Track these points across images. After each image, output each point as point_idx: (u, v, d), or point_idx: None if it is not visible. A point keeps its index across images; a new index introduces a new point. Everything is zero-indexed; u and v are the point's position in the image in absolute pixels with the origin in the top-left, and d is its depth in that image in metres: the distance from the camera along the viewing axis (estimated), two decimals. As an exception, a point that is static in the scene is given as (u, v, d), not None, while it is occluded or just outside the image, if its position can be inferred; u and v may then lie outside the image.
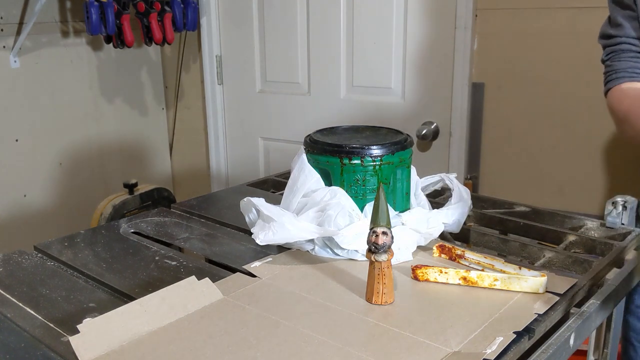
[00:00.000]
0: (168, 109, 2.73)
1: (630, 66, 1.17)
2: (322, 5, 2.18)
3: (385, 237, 0.83)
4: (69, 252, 1.05)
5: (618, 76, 1.18)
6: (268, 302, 0.84)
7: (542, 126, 1.91)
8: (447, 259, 0.99)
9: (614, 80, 1.19)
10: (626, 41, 1.17)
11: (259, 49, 2.39)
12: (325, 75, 2.25)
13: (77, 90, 2.37)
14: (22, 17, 2.15)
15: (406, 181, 1.07)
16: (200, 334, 0.76)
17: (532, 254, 1.06)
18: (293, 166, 1.08)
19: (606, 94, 1.22)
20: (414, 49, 2.05)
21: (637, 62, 1.17)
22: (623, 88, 1.17)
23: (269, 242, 0.96)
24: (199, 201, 1.32)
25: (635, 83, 1.16)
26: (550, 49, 1.85)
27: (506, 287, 0.87)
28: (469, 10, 1.92)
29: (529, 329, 0.77)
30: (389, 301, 0.84)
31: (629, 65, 1.17)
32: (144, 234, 1.14)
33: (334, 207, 0.97)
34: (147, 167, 2.70)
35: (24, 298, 0.89)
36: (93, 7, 2.05)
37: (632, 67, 1.16)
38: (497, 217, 1.20)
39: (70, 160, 2.39)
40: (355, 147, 1.01)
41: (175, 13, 2.27)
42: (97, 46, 2.41)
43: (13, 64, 2.15)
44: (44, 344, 0.76)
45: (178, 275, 0.95)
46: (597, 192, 1.87)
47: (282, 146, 2.43)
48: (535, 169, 1.96)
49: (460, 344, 0.74)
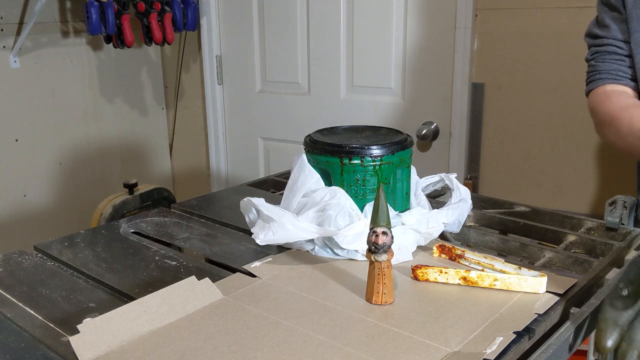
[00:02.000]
0: (168, 109, 2.73)
1: (614, 68, 1.17)
2: (322, 5, 2.18)
3: (385, 237, 0.83)
4: (69, 252, 1.05)
5: (601, 77, 1.18)
6: (268, 302, 0.84)
7: (542, 126, 1.91)
8: (447, 259, 0.99)
9: (597, 80, 1.19)
10: (612, 43, 1.17)
11: (259, 49, 2.39)
12: (325, 75, 2.25)
13: (77, 90, 2.37)
14: (22, 17, 2.15)
15: (406, 181, 1.07)
16: (200, 334, 0.76)
17: (532, 254, 1.06)
18: (293, 166, 1.08)
19: (588, 94, 1.22)
20: (414, 48, 2.05)
21: (621, 64, 1.17)
22: (607, 90, 1.17)
23: (269, 242, 0.96)
24: (199, 201, 1.32)
25: (619, 86, 1.16)
26: (550, 49, 1.85)
27: (506, 287, 0.87)
28: (469, 10, 1.92)
29: (529, 329, 0.77)
30: (389, 301, 0.84)
31: (613, 67, 1.17)
32: (144, 234, 1.14)
33: (334, 207, 0.97)
34: (147, 167, 2.70)
35: (24, 298, 0.89)
36: (93, 7, 2.05)
37: (615, 70, 1.17)
38: (497, 217, 1.20)
39: (70, 160, 2.39)
40: (355, 147, 1.01)
41: (175, 13, 2.27)
42: (97, 46, 2.41)
43: (13, 64, 2.15)
44: (44, 344, 0.76)
45: (178, 275, 0.95)
46: (597, 192, 1.87)
47: (282, 146, 2.43)
48: (535, 169, 1.96)
49: (460, 344, 0.74)
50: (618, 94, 1.15)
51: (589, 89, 1.21)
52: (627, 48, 1.16)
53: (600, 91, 1.18)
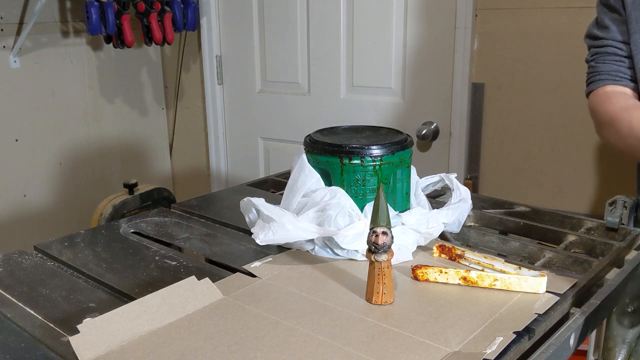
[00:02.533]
0: (168, 109, 2.73)
1: (614, 69, 1.17)
2: (322, 5, 2.18)
3: (385, 237, 0.83)
4: (69, 252, 1.05)
5: (601, 78, 1.18)
6: (268, 302, 0.84)
7: (542, 126, 1.91)
8: (447, 259, 0.99)
9: (597, 82, 1.19)
10: (611, 44, 1.18)
11: (259, 49, 2.39)
12: (325, 75, 2.25)
13: (77, 90, 2.37)
14: (22, 17, 2.15)
15: (406, 181, 1.07)
16: (200, 334, 0.76)
17: (532, 254, 1.06)
18: (293, 166, 1.08)
19: (588, 95, 1.22)
20: (414, 49, 2.05)
21: (621, 65, 1.17)
22: (607, 91, 1.17)
23: (269, 242, 0.96)
24: (199, 201, 1.32)
25: (619, 87, 1.17)
26: (550, 49, 1.85)
27: (506, 287, 0.87)
28: (469, 10, 1.92)
29: (529, 329, 0.77)
30: (389, 301, 0.84)
31: (613, 68, 1.17)
32: (144, 234, 1.14)
33: (334, 207, 0.97)
34: (147, 167, 2.70)
35: (24, 298, 0.89)
36: (93, 7, 2.05)
37: (615, 71, 1.17)
38: (497, 217, 1.20)
39: (70, 160, 2.39)
40: (355, 147, 1.01)
41: (175, 13, 2.27)
42: (97, 46, 2.41)
43: (13, 64, 2.15)
44: (44, 344, 0.76)
45: (178, 275, 0.95)
46: (597, 192, 1.87)
47: (282, 146, 2.43)
48: (535, 169, 1.96)
49: (460, 344, 0.74)
50: (618, 95, 1.16)
51: (589, 90, 1.22)
52: (626, 49, 1.16)
53: (601, 92, 1.18)
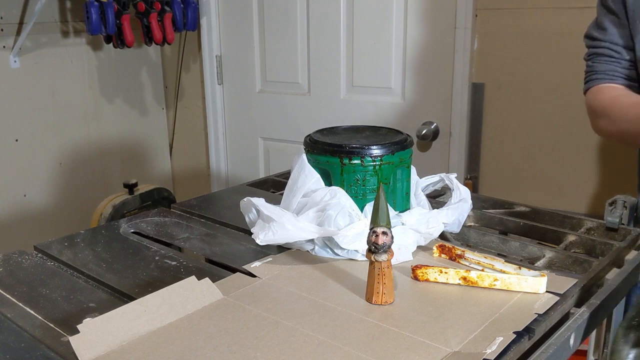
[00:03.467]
0: (168, 109, 2.73)
1: (610, 69, 1.22)
2: (322, 5, 2.18)
3: (385, 237, 0.83)
4: (69, 252, 1.05)
5: (598, 77, 1.23)
6: (268, 302, 0.84)
7: (542, 126, 1.91)
8: (447, 259, 0.99)
9: (594, 80, 1.24)
10: (608, 46, 1.21)
11: (259, 49, 2.39)
12: (325, 75, 2.25)
13: (77, 90, 2.37)
14: (22, 17, 2.15)
15: (406, 181, 1.07)
16: (200, 334, 0.76)
17: (532, 254, 1.06)
18: (293, 166, 1.08)
19: (585, 93, 1.27)
20: (414, 48, 2.05)
21: (616, 66, 1.21)
22: (602, 87, 1.22)
23: (269, 242, 0.96)
24: (199, 201, 1.32)
25: (613, 84, 1.21)
26: (550, 49, 1.85)
27: (506, 287, 0.87)
28: (469, 10, 1.92)
29: (529, 329, 0.77)
30: (389, 301, 0.84)
31: (609, 68, 1.22)
32: (144, 234, 1.14)
33: (334, 207, 0.97)
34: (147, 167, 2.70)
35: (24, 298, 0.89)
36: (93, 7, 2.05)
37: (612, 70, 1.21)
38: (497, 217, 1.20)
39: (70, 160, 2.39)
40: (355, 147, 1.01)
41: (175, 13, 2.27)
42: (97, 46, 2.41)
43: (13, 64, 2.15)
44: (44, 344, 0.76)
45: (178, 275, 0.95)
46: (597, 192, 1.87)
47: (282, 146, 2.43)
48: (535, 169, 1.96)
49: (460, 344, 0.74)
50: (610, 89, 1.21)
51: (586, 88, 1.27)
52: (623, 51, 1.20)
53: (597, 88, 1.23)
